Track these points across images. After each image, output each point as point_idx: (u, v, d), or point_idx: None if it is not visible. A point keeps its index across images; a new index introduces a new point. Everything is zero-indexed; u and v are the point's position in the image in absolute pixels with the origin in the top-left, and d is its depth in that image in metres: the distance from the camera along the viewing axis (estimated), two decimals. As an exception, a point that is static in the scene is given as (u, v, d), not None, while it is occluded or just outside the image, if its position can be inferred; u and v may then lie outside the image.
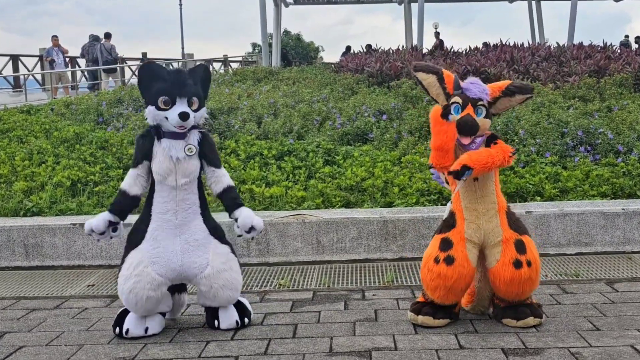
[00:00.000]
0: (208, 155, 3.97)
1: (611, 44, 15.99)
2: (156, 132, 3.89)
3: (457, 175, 3.71)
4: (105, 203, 6.73)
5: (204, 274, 3.91)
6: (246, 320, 4.08)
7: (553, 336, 3.75)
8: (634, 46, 22.81)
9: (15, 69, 23.77)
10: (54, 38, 20.10)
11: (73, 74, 22.84)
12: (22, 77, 22.41)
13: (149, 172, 3.94)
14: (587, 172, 6.85)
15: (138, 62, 22.86)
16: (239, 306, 4.10)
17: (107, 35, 20.55)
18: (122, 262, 3.97)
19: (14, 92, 21.25)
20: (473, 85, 3.91)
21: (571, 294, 4.57)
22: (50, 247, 5.86)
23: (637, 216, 5.66)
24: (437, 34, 25.78)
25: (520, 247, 3.88)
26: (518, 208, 5.78)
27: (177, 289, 4.13)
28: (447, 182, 4.15)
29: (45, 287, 5.28)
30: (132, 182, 3.95)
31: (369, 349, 3.66)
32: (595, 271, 5.17)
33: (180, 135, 3.86)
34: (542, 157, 7.38)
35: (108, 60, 20.22)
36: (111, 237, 4.01)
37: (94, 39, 20.53)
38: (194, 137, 3.92)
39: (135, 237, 3.96)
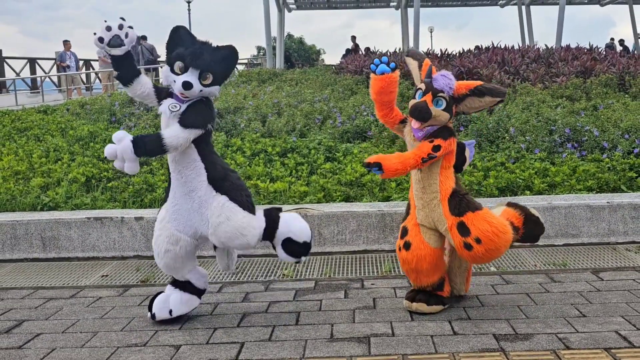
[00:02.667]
0: (183, 114, 3.74)
1: (597, 46, 15.97)
2: (167, 91, 3.85)
3: (367, 166, 3.77)
4: (118, 198, 6.74)
5: (209, 233, 3.83)
6: (303, 257, 4.03)
7: (542, 322, 3.76)
8: (619, 48, 22.79)
9: (33, 71, 23.82)
10: (67, 43, 20.06)
11: (87, 75, 22.86)
12: (39, 79, 22.47)
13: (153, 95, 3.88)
14: (574, 167, 6.85)
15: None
16: (288, 244, 3.97)
17: (144, 38, 20.61)
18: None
19: (31, 93, 21.30)
20: (441, 77, 3.87)
21: (559, 283, 4.57)
22: (66, 240, 5.87)
23: (621, 209, 5.66)
24: (353, 38, 26.04)
25: (463, 229, 3.79)
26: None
27: None
28: None
29: (62, 278, 5.29)
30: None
31: (368, 335, 3.66)
32: (581, 261, 5.17)
33: (182, 100, 3.78)
34: (531, 154, 7.38)
35: (150, 60, 20.29)
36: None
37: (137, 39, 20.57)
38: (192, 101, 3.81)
39: (165, 195, 3.99)
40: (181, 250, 3.89)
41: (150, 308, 4.06)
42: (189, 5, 39.49)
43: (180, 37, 3.82)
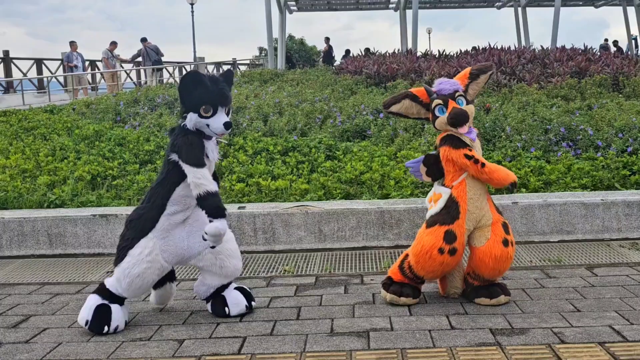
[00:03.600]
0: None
1: (591, 47, 15.99)
2: (200, 135, 3.78)
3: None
4: (123, 195, 6.74)
5: (208, 249, 3.84)
6: (253, 303, 4.05)
7: (537, 317, 3.76)
8: (613, 49, 22.78)
9: (39, 71, 23.82)
10: (74, 44, 20.07)
11: (93, 76, 22.87)
12: (45, 79, 22.46)
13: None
14: (569, 165, 6.85)
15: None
16: (244, 291, 4.06)
17: (144, 39, 20.63)
18: (129, 245, 3.79)
19: (38, 93, 21.30)
20: (443, 84, 3.99)
21: (554, 278, 4.57)
22: (72, 237, 5.87)
23: (615, 206, 5.66)
24: (326, 40, 26.08)
25: (506, 227, 3.99)
26: (505, 199, 5.79)
27: (169, 278, 4.07)
28: (428, 176, 4.14)
29: (68, 274, 5.29)
30: (210, 179, 3.77)
31: (367, 329, 3.66)
32: (576, 257, 5.16)
33: (210, 137, 3.81)
34: (527, 152, 7.37)
35: (157, 61, 20.33)
36: None
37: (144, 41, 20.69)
38: (214, 140, 3.87)
39: (145, 225, 3.80)
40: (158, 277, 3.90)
41: (107, 322, 3.78)
42: (192, 8, 39.43)
43: (196, 81, 3.74)
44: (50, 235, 5.88)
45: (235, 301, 4.00)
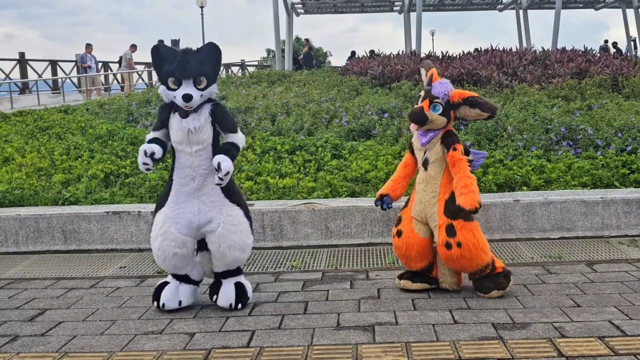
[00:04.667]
0: (221, 123, 3.90)
1: (591, 48, 15.91)
2: (172, 105, 3.86)
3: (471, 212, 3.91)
4: (135, 193, 6.75)
5: (215, 233, 3.88)
6: (240, 305, 4.01)
7: (538, 312, 3.75)
8: (612, 51, 22.70)
9: (54, 72, 23.87)
10: (89, 46, 20.22)
11: (106, 77, 22.93)
12: (60, 80, 22.51)
13: (168, 137, 3.92)
14: (570, 164, 6.83)
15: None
16: (240, 289, 4.05)
17: (161, 42, 20.69)
18: (152, 222, 4.03)
19: (53, 93, 21.36)
20: (439, 84, 4.09)
21: (555, 274, 4.56)
22: (86, 233, 5.88)
23: (614, 204, 5.64)
24: (307, 41, 26.06)
25: (450, 230, 3.95)
26: (507, 197, 5.77)
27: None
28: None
29: (82, 269, 5.31)
30: (150, 135, 3.93)
31: (373, 323, 3.67)
32: (576, 254, 5.15)
33: (195, 110, 3.82)
34: (528, 151, 7.35)
35: None
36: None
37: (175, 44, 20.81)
38: (205, 110, 3.86)
39: (161, 201, 3.97)
40: (188, 251, 3.95)
41: (157, 298, 4.04)
42: (202, 11, 39.45)
43: (162, 54, 3.82)
44: (65, 232, 5.90)
45: (225, 294, 4.03)
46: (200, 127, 3.82)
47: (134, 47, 21.22)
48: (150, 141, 3.88)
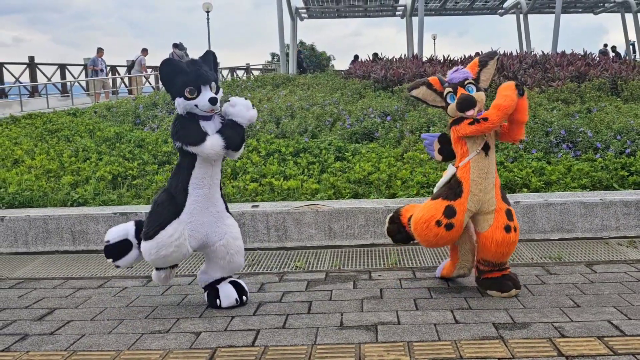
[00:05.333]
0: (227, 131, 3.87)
1: (591, 52, 15.86)
2: (194, 115, 3.82)
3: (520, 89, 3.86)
4: (142, 195, 6.76)
5: (222, 242, 3.94)
6: (244, 298, 4.07)
7: (538, 312, 3.75)
8: (611, 54, 22.67)
9: (63, 76, 23.94)
10: (101, 50, 20.41)
11: (114, 80, 22.99)
12: (68, 83, 22.56)
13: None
14: (569, 166, 6.82)
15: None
16: (237, 285, 4.09)
17: (175, 45, 20.90)
18: (160, 225, 3.79)
19: (61, 96, 21.41)
20: (456, 73, 4.07)
21: (554, 275, 4.55)
22: (94, 234, 5.89)
23: (613, 206, 5.63)
24: (298, 50, 26.16)
25: (510, 215, 4.02)
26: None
27: None
28: (439, 154, 4.26)
29: (90, 269, 5.32)
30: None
31: (375, 323, 3.66)
32: (576, 255, 5.14)
33: (208, 118, 3.84)
34: (529, 154, 7.35)
35: None
36: None
37: (180, 48, 20.97)
38: (217, 119, 3.89)
39: (174, 208, 3.83)
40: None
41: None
42: (208, 15, 39.50)
43: (173, 68, 3.80)
44: (74, 232, 5.91)
45: (226, 294, 4.04)
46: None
47: (145, 52, 21.50)
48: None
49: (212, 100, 3.73)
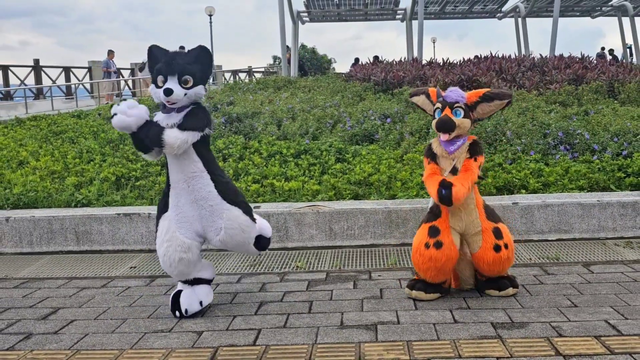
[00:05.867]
0: (183, 121, 3.72)
1: (588, 55, 15.89)
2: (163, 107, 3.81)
3: (442, 192, 3.78)
4: (145, 196, 6.76)
5: (219, 238, 3.83)
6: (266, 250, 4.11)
7: (536, 312, 3.74)
8: (608, 58, 22.67)
9: (67, 79, 23.96)
10: (111, 52, 20.63)
11: (118, 83, 23.01)
12: (73, 86, 22.59)
13: None
14: (567, 168, 6.81)
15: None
16: (260, 241, 4.02)
17: (182, 48, 21.03)
18: (156, 228, 3.90)
19: (66, 99, 21.44)
20: (452, 92, 4.00)
21: (552, 275, 4.55)
22: (97, 234, 5.89)
23: (610, 207, 5.63)
24: (287, 48, 26.17)
25: (498, 233, 3.96)
26: (506, 199, 5.76)
27: None
28: None
29: (94, 269, 5.31)
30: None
31: (375, 323, 3.66)
32: (573, 255, 5.14)
33: (174, 110, 3.75)
34: (527, 155, 7.34)
35: None
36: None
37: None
38: (185, 111, 3.77)
39: (163, 205, 3.88)
40: (193, 256, 3.84)
41: (177, 308, 3.90)
42: (210, 19, 39.52)
43: (154, 55, 3.80)
44: (78, 233, 5.91)
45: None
46: (176, 125, 3.70)
47: None
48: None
49: (166, 91, 3.62)
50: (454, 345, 3.28)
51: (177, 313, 3.89)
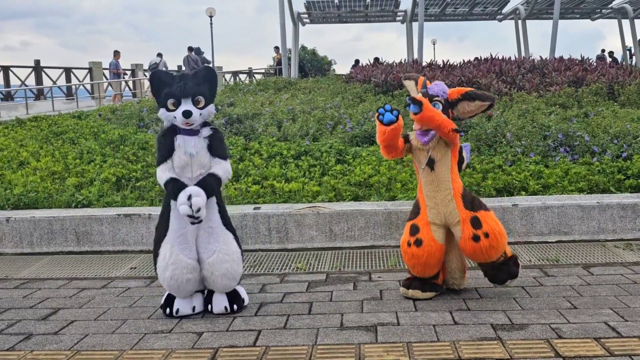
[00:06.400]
0: (214, 148, 3.84)
1: (588, 57, 15.90)
2: (174, 130, 3.84)
3: (412, 101, 3.79)
4: (146, 196, 6.76)
5: (209, 261, 3.85)
6: (235, 307, 3.96)
7: (536, 313, 3.74)
8: (608, 60, 22.69)
9: (68, 79, 23.95)
10: (118, 53, 20.85)
11: (119, 83, 23.02)
12: (73, 86, 22.58)
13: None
14: (567, 170, 6.81)
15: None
16: (231, 293, 3.99)
17: (190, 49, 21.14)
18: (156, 253, 3.92)
19: (66, 99, 21.44)
20: (435, 85, 4.05)
21: (552, 277, 4.54)
22: (98, 235, 5.89)
23: (610, 209, 5.62)
24: (276, 49, 26.37)
25: (476, 222, 3.91)
26: (505, 201, 5.76)
27: None
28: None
29: (94, 269, 5.31)
30: (168, 171, 3.81)
31: (375, 324, 3.66)
32: (573, 257, 5.14)
33: (193, 132, 3.81)
34: (526, 157, 7.34)
35: (193, 69, 20.93)
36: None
37: (197, 52, 21.18)
38: (206, 132, 3.85)
39: (162, 229, 3.90)
40: (198, 275, 3.90)
41: (169, 305, 3.95)
42: (211, 20, 39.52)
43: (161, 79, 3.84)
44: (78, 233, 5.90)
45: (218, 301, 3.97)
46: (200, 151, 3.81)
47: (160, 56, 21.91)
48: (175, 182, 3.77)
49: (185, 113, 3.70)
50: (454, 346, 3.27)
51: (168, 310, 3.95)
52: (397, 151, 4.16)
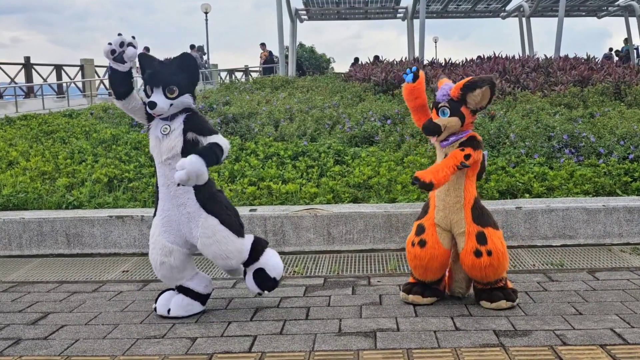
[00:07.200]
0: (196, 128, 3.80)
1: (594, 56, 15.90)
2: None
3: (414, 182, 3.75)
4: (138, 197, 6.76)
5: (198, 247, 3.89)
6: (266, 291, 4.09)
7: (540, 319, 3.74)
8: (615, 59, 22.73)
9: (59, 77, 23.94)
10: None
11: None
12: (64, 84, 22.57)
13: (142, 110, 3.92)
14: (572, 172, 6.82)
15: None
16: (258, 276, 4.02)
17: (192, 47, 21.12)
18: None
19: (57, 97, 21.42)
20: (440, 90, 4.02)
21: (556, 282, 4.55)
22: (89, 237, 5.89)
23: (616, 212, 5.63)
24: (263, 45, 27.38)
25: (481, 238, 3.88)
26: (509, 204, 5.77)
27: None
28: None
29: (85, 273, 5.31)
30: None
31: (374, 329, 3.66)
32: (578, 261, 5.14)
33: (166, 118, 3.83)
34: (531, 158, 7.35)
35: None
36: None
37: (198, 49, 21.21)
38: (179, 119, 3.82)
39: (155, 208, 4.01)
40: (175, 261, 3.92)
41: (156, 300, 4.11)
42: (206, 16, 39.53)
43: (142, 64, 3.87)
44: (69, 235, 5.90)
45: (249, 286, 4.08)
46: (169, 135, 3.80)
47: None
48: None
49: (149, 104, 3.72)
50: (455, 353, 3.27)
51: (154, 306, 4.08)
52: (422, 118, 4.10)
